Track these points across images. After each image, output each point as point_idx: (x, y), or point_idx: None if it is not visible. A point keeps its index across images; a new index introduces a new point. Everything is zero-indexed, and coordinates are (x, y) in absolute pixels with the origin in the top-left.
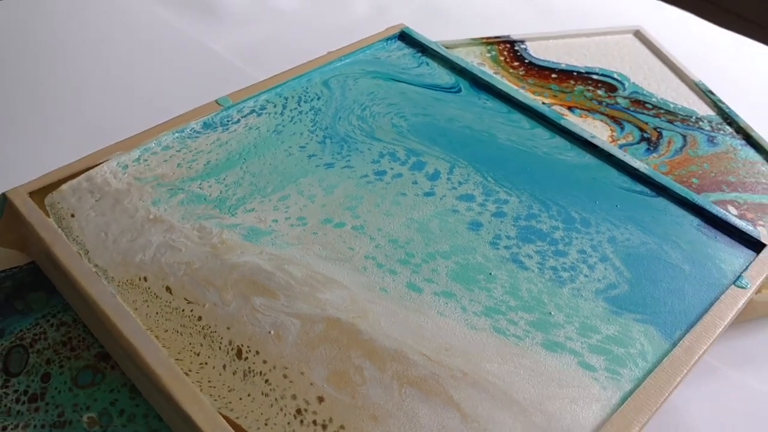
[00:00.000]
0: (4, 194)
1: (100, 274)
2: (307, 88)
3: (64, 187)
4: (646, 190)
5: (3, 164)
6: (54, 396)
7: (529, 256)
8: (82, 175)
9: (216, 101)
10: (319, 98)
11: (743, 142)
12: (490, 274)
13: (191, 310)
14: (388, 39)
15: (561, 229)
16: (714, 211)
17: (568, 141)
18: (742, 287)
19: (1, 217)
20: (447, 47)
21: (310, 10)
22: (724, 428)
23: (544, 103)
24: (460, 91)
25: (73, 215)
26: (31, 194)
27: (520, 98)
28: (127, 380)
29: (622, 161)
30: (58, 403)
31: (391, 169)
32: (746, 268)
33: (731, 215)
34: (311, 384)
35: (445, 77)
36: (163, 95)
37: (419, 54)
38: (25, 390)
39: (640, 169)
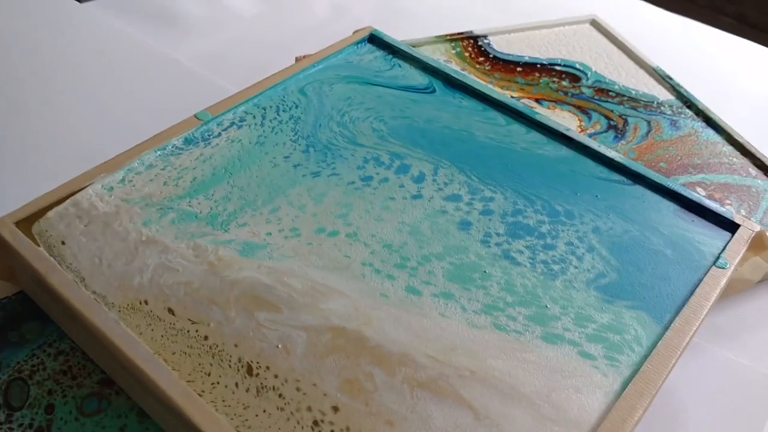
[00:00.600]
0: None
1: (99, 300)
2: (284, 97)
3: (50, 214)
4: (623, 179)
5: None
6: (60, 427)
7: (519, 251)
8: (68, 201)
9: (195, 116)
10: (297, 106)
11: (703, 124)
12: (485, 272)
13: (196, 330)
14: (358, 43)
15: (547, 223)
16: (689, 196)
17: (544, 135)
18: (723, 267)
19: None
20: (413, 46)
21: (271, 14)
22: (712, 402)
23: (513, 98)
24: (434, 91)
25: (63, 242)
26: (17, 224)
27: (494, 95)
28: (134, 405)
29: (598, 152)
30: None
31: (377, 174)
32: (724, 248)
33: (705, 198)
34: (324, 394)
35: (419, 78)
36: (136, 112)
37: (390, 56)
38: (30, 423)
39: (616, 159)
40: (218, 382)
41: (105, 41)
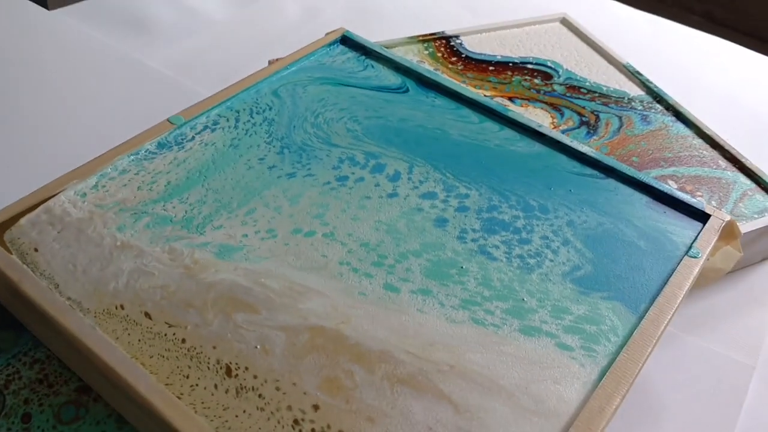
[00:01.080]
0: None
1: (74, 306)
2: (257, 100)
3: (22, 221)
4: (596, 173)
5: None
6: None
7: (495, 246)
8: (40, 208)
9: (168, 120)
10: (270, 108)
11: (673, 118)
12: (462, 267)
13: (174, 334)
14: (330, 44)
15: (522, 218)
16: (660, 188)
17: (516, 132)
18: (695, 257)
19: None
20: (385, 47)
21: (242, 17)
22: (687, 390)
23: (486, 96)
24: (407, 90)
25: (36, 249)
26: None
27: (467, 94)
28: (112, 411)
29: (570, 147)
30: None
31: (353, 173)
32: (696, 238)
33: (676, 190)
34: (304, 393)
35: (392, 78)
36: (107, 118)
37: (363, 57)
38: None
39: (588, 153)
40: (197, 385)
41: (74, 48)
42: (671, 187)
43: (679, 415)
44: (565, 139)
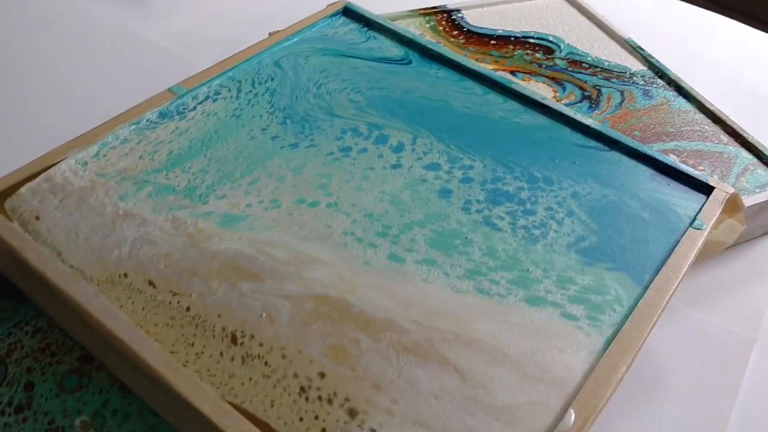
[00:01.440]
0: None
1: (77, 274)
2: (259, 70)
3: (23, 189)
4: (600, 145)
5: None
6: (41, 404)
7: (500, 217)
8: (41, 176)
9: (169, 89)
10: (272, 79)
11: (675, 93)
12: (467, 238)
13: (178, 302)
14: (332, 15)
15: (526, 189)
16: (664, 160)
17: (520, 104)
18: (699, 228)
19: None
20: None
21: None
22: (690, 363)
23: None
24: (410, 62)
25: (38, 218)
26: None
27: (470, 65)
28: (116, 380)
29: (574, 119)
30: (46, 411)
31: (356, 144)
32: (699, 210)
33: (680, 163)
34: (311, 361)
35: (394, 50)
36: (106, 91)
37: (365, 28)
38: (9, 401)
39: (592, 126)
40: (202, 353)
41: (70, 21)
42: (674, 160)
43: (680, 387)
44: (569, 112)
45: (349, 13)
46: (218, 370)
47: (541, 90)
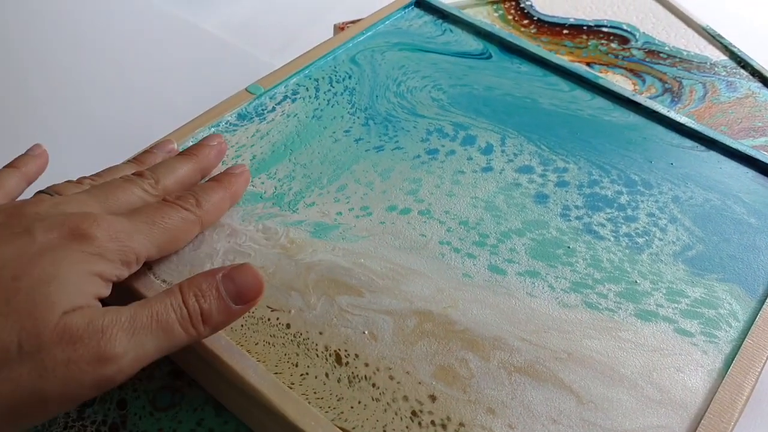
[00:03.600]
0: None
1: None
2: (335, 67)
3: None
4: (697, 144)
5: None
6: (136, 423)
7: (601, 224)
8: None
9: (246, 89)
10: (350, 77)
11: (760, 84)
12: (569, 247)
13: (277, 318)
14: (405, 7)
15: (625, 194)
16: (767, 161)
17: (609, 101)
18: None
19: None
20: None
21: None
22: None
23: None
24: (490, 57)
25: None
26: None
27: (554, 60)
28: (209, 397)
29: (668, 117)
30: (141, 430)
31: (443, 146)
32: None
33: None
34: (420, 383)
35: (473, 43)
36: (171, 87)
37: (440, 21)
38: (104, 420)
39: (687, 124)
40: (307, 373)
41: (129, 14)
42: None
43: None
44: (662, 109)
45: (421, 4)
46: (325, 393)
47: (619, 82)
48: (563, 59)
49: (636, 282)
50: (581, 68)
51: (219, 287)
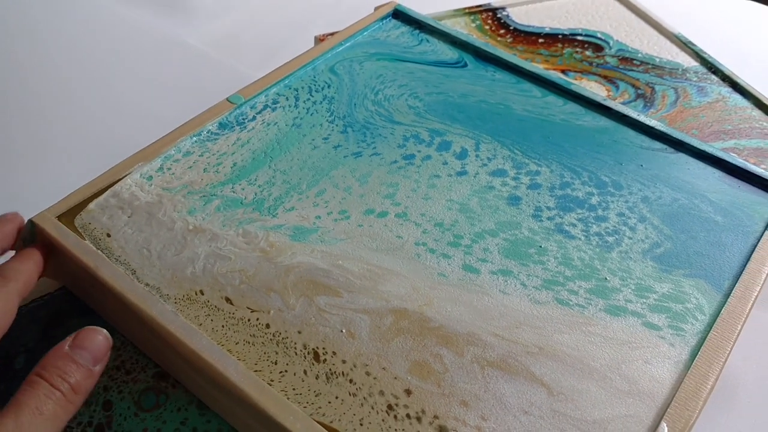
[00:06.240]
0: (31, 221)
1: (154, 293)
2: (314, 77)
3: (91, 206)
4: (665, 146)
5: (13, 194)
6: (121, 423)
7: (572, 224)
8: (108, 191)
9: (227, 99)
10: (329, 86)
11: (730, 89)
12: (540, 246)
13: (257, 319)
14: (383, 18)
15: (596, 195)
16: (733, 161)
17: (581, 106)
18: None
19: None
20: None
21: None
22: (761, 366)
23: None
24: (466, 65)
25: (108, 235)
26: (59, 217)
27: (527, 67)
28: (193, 397)
29: (638, 121)
30: (126, 431)
31: (419, 151)
32: None
33: (749, 163)
34: (395, 378)
35: (448, 52)
36: (154, 99)
37: (417, 31)
38: (89, 421)
39: (656, 127)
40: (286, 371)
41: (113, 29)
42: (743, 161)
43: (754, 393)
44: (632, 113)
45: (399, 15)
46: (304, 389)
47: (594, 89)
48: (537, 66)
49: (606, 279)
50: (554, 75)
51: (74, 359)
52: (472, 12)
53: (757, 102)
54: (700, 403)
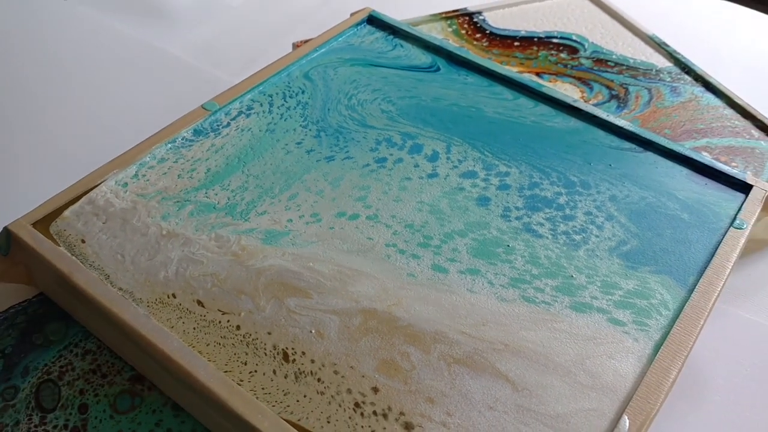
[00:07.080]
0: (6, 228)
1: (127, 297)
2: (289, 83)
3: (66, 213)
4: (634, 146)
5: None
6: (96, 426)
7: (540, 224)
8: (83, 199)
9: (202, 106)
10: (303, 92)
11: (703, 89)
12: (508, 246)
13: (228, 321)
14: (357, 24)
15: (564, 194)
16: (701, 159)
17: (551, 107)
18: (740, 228)
19: (7, 253)
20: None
21: (258, 1)
22: (732, 363)
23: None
24: (438, 69)
25: (83, 241)
26: (34, 225)
27: (499, 70)
28: (167, 399)
29: (607, 121)
30: None
31: (391, 155)
32: (739, 209)
33: (717, 161)
34: (363, 376)
35: (422, 57)
36: (132, 107)
37: (391, 36)
38: (65, 424)
39: (625, 127)
40: (256, 371)
41: (94, 38)
42: (711, 159)
43: (722, 388)
44: (602, 114)
45: (374, 21)
46: (273, 388)
47: (568, 91)
48: (508, 69)
49: (572, 276)
50: (525, 77)
51: None
52: (448, 17)
53: (729, 101)
54: (661, 397)
